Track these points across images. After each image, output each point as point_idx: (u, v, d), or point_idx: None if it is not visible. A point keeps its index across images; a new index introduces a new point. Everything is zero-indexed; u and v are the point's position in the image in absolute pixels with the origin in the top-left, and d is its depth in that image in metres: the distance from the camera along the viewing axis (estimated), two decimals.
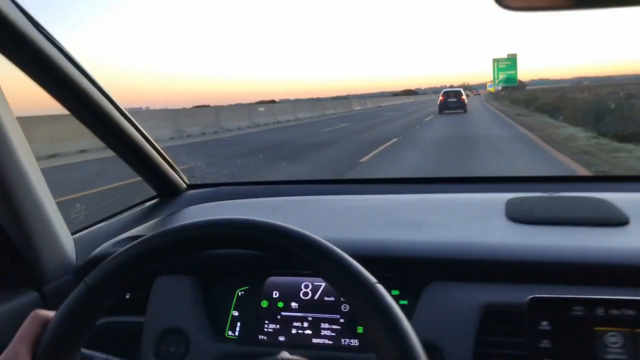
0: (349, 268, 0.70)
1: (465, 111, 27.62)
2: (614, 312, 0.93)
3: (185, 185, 1.82)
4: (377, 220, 1.37)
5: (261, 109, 30.69)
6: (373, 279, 0.69)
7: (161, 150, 1.63)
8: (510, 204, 1.38)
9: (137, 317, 1.26)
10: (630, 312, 0.92)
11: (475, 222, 1.31)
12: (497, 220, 1.30)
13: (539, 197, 1.43)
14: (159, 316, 1.22)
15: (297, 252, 0.73)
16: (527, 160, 11.00)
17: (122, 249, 0.75)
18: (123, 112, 1.43)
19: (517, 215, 1.30)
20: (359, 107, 55.42)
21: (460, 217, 1.35)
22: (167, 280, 1.26)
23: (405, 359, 0.64)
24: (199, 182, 1.87)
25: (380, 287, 0.69)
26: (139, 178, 1.66)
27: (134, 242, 0.75)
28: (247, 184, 1.90)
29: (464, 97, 27.57)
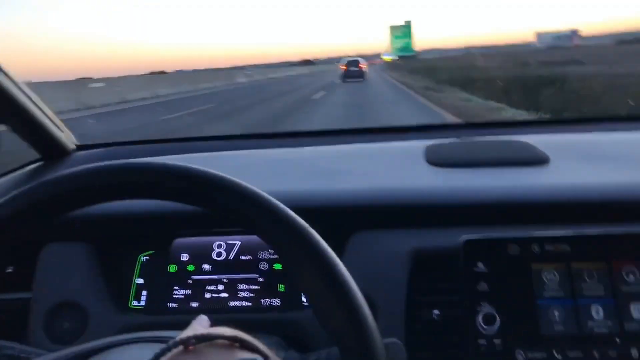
0: (277, 211, 0.59)
1: (364, 79, 28.46)
2: (549, 248, 0.89)
3: (73, 146, 1.61)
4: (292, 172, 1.27)
5: (96, 85, 23.06)
6: (304, 223, 0.59)
7: (44, 108, 1.42)
8: (429, 150, 1.32)
9: (23, 294, 1.08)
10: (566, 247, 0.89)
11: (396, 169, 1.25)
12: (417, 165, 1.24)
13: (457, 142, 1.39)
14: (49, 289, 1.06)
15: (213, 197, 0.61)
16: None
17: None
18: None
19: (438, 159, 1.25)
20: (244, 80, 43.77)
21: (379, 164, 1.28)
22: (57, 249, 1.09)
23: (344, 309, 0.55)
24: (89, 143, 1.66)
25: (314, 232, 0.59)
26: None
27: (14, 194, 0.60)
28: (144, 142, 1.71)
29: (362, 65, 29.00)
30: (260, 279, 1.06)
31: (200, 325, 0.61)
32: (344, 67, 28.91)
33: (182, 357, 0.43)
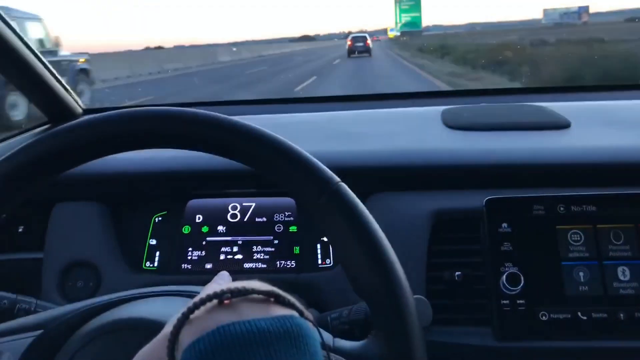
0: (309, 163, 0.57)
1: (370, 55, 28.44)
2: (575, 209, 0.87)
3: (80, 110, 1.59)
4: (312, 134, 1.24)
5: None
6: (336, 177, 0.57)
7: (52, 70, 1.40)
8: (446, 114, 1.29)
9: (34, 254, 1.06)
10: (592, 208, 0.87)
11: (414, 132, 1.22)
12: (435, 128, 1.22)
13: (475, 106, 1.36)
14: (61, 249, 1.04)
15: (242, 147, 0.58)
16: None
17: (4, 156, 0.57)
18: (7, 22, 1.19)
19: (456, 123, 1.22)
20: (227, 58, 34.88)
21: (398, 128, 1.25)
22: (68, 208, 1.07)
23: (376, 265, 0.54)
24: (97, 107, 1.63)
25: (345, 186, 0.57)
26: None
27: (13, 150, 0.57)
28: (155, 106, 1.68)
29: (368, 41, 29.17)
30: (275, 241, 1.05)
31: (223, 281, 0.59)
32: (350, 43, 29.25)
33: (216, 311, 0.41)
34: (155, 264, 1.06)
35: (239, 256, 1.04)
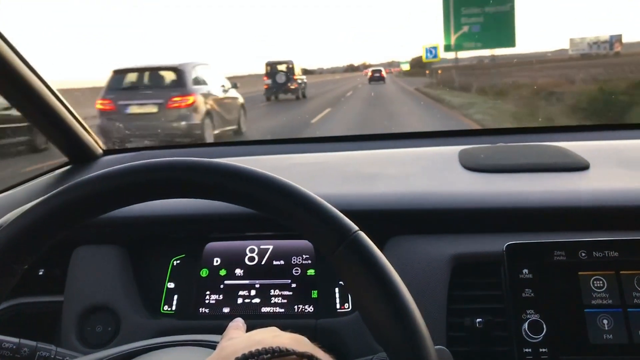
0: (325, 212, 0.57)
1: (384, 82, 31.67)
2: (598, 254, 0.86)
3: (101, 151, 1.62)
4: (328, 176, 1.24)
5: None
6: (354, 226, 0.57)
7: (73, 112, 1.43)
8: (463, 154, 1.29)
9: (54, 297, 1.07)
10: (614, 254, 0.86)
11: (431, 173, 1.22)
12: (453, 170, 1.21)
13: (492, 146, 1.36)
14: (81, 292, 1.04)
15: (258, 196, 0.58)
16: None
17: (33, 204, 0.58)
18: (30, 65, 1.23)
19: (474, 164, 1.22)
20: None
21: (414, 169, 1.25)
22: (88, 251, 1.08)
23: (397, 316, 0.53)
24: (116, 147, 1.66)
25: (363, 235, 0.57)
26: None
27: (44, 197, 0.58)
28: (172, 147, 1.70)
29: (383, 73, 33.33)
30: (293, 285, 1.04)
31: (236, 329, 0.59)
32: (370, 74, 33.37)
33: None
34: (173, 308, 1.05)
35: (257, 300, 1.04)
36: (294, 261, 1.06)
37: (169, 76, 8.29)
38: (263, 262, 1.07)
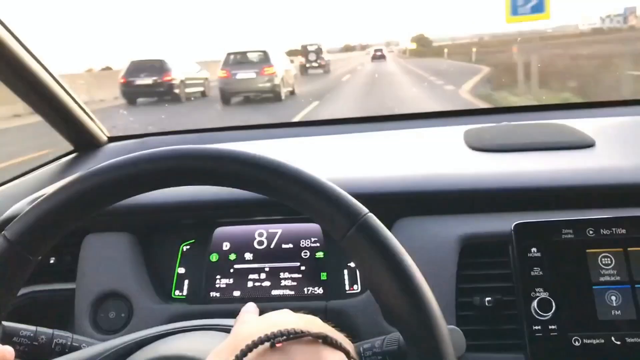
0: (335, 195, 0.57)
1: (385, 60, 34.10)
2: (605, 232, 0.87)
3: (105, 138, 1.62)
4: (333, 160, 1.25)
5: None
6: (364, 209, 0.57)
7: (77, 100, 1.43)
8: (468, 135, 1.29)
9: (67, 284, 1.08)
10: (622, 231, 0.86)
11: (437, 154, 1.22)
12: (459, 151, 1.22)
13: (497, 126, 1.36)
14: (93, 280, 1.05)
15: (268, 181, 0.59)
16: None
17: (47, 194, 0.59)
18: (32, 53, 1.22)
19: (479, 144, 1.22)
20: None
21: (420, 150, 1.25)
22: (99, 239, 1.09)
23: (409, 296, 0.54)
24: (120, 134, 1.66)
25: (374, 217, 0.57)
26: None
27: (61, 186, 0.59)
28: (177, 132, 1.70)
29: (384, 52, 37.22)
30: (303, 267, 1.05)
31: (250, 313, 0.60)
32: (373, 53, 36.86)
33: (269, 355, 0.42)
34: (184, 293, 1.07)
35: (267, 283, 1.05)
36: (303, 244, 1.07)
37: (260, 55, 13.07)
38: (272, 246, 1.07)
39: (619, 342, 0.82)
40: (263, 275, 1.05)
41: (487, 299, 0.89)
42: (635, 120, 1.35)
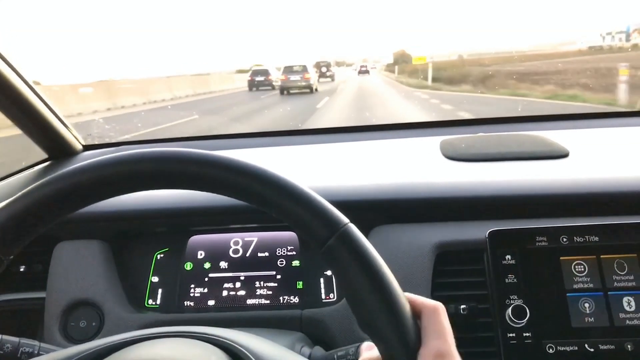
0: (315, 205, 0.56)
1: (369, 74, 37.00)
2: (579, 239, 0.87)
3: (81, 146, 1.59)
4: (311, 168, 1.24)
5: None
6: (345, 219, 0.56)
7: (52, 107, 1.41)
8: (445, 144, 1.30)
9: (36, 293, 1.06)
10: (595, 239, 0.87)
11: (414, 163, 1.23)
12: (435, 160, 1.22)
13: (472, 136, 1.37)
14: (64, 288, 1.03)
15: (246, 187, 0.57)
16: None
17: (16, 195, 0.57)
18: (7, 60, 1.21)
19: (455, 154, 1.23)
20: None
21: (397, 159, 1.26)
22: (70, 247, 1.07)
23: (387, 311, 0.53)
24: (96, 142, 1.64)
25: (354, 227, 0.56)
26: None
27: (34, 185, 0.57)
28: (153, 141, 1.69)
29: (368, 68, 40.48)
30: (278, 276, 1.04)
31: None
32: (359, 69, 40.54)
33: None
34: (158, 302, 1.05)
35: (242, 292, 1.03)
36: (279, 252, 1.06)
37: (302, 67, 18.90)
38: (248, 254, 1.06)
39: (592, 349, 0.82)
40: (238, 284, 1.04)
41: (462, 306, 0.89)
42: (608, 131, 1.37)
